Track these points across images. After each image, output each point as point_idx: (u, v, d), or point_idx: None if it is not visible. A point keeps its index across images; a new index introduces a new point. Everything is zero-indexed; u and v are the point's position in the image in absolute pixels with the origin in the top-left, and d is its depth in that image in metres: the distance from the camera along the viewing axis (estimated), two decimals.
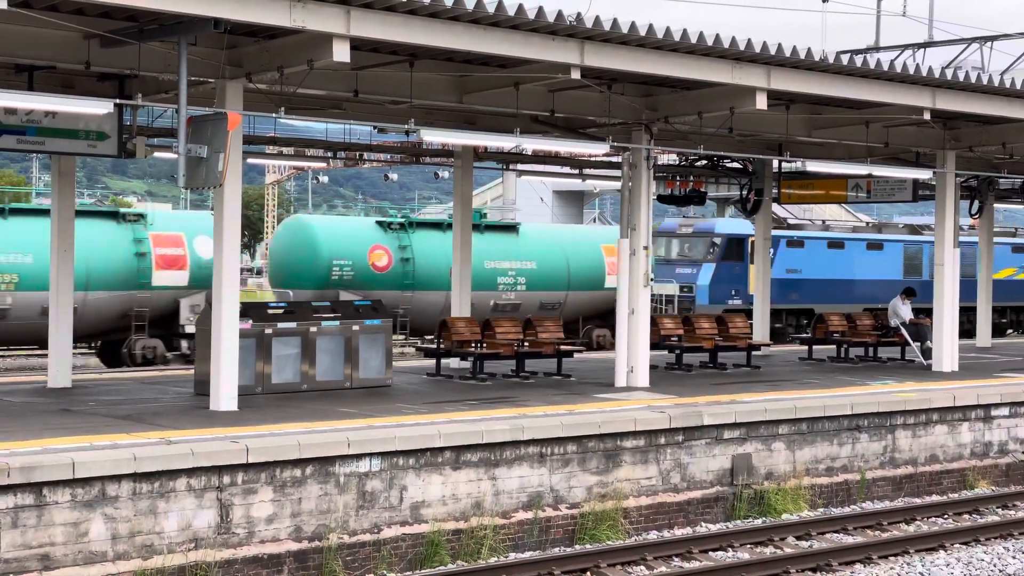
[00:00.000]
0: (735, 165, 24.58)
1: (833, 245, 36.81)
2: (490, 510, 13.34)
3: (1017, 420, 18.69)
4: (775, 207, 29.60)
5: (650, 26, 14.38)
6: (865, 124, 20.18)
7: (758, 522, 14.77)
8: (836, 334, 23.93)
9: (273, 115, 14.09)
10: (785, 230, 35.97)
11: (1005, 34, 26.87)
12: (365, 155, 29.90)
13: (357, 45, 13.61)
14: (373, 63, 15.17)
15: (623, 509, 13.98)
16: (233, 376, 14.48)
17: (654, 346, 19.11)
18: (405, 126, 14.97)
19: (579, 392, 17.12)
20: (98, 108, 13.53)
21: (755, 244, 25.54)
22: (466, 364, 19.69)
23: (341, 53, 12.82)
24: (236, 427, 12.99)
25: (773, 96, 16.83)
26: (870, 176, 23.16)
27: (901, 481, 16.85)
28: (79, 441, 11.84)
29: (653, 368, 18.79)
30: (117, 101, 13.83)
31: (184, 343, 25.85)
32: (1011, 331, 40.99)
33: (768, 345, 23.86)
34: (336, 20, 12.61)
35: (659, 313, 29.67)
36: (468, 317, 19.90)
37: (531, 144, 19.13)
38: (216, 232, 14.60)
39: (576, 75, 14.68)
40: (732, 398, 16.64)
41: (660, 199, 23.81)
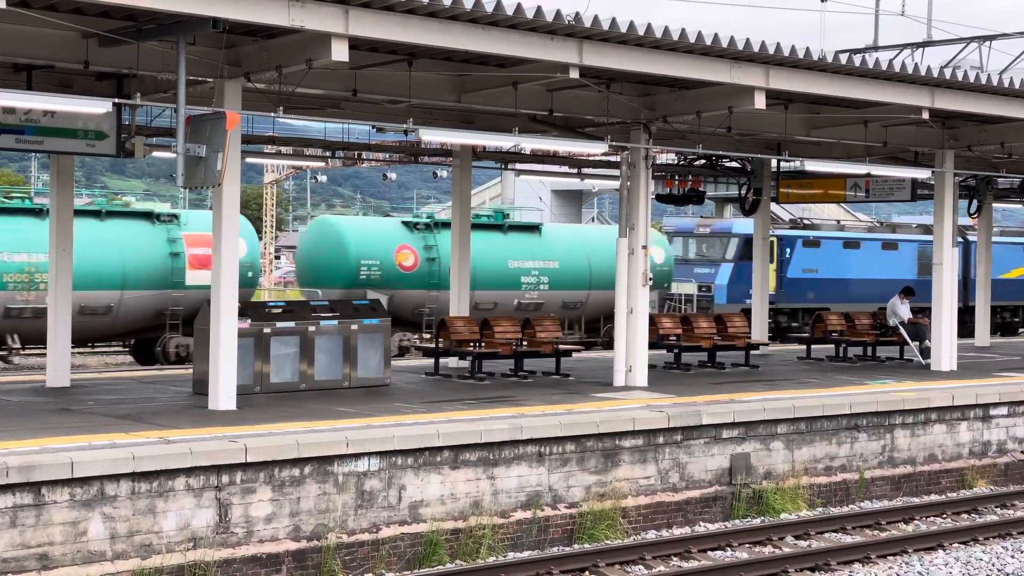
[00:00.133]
0: (734, 164, 24.59)
1: (849, 245, 36.96)
2: (489, 510, 13.34)
3: (1015, 419, 18.70)
4: (774, 207, 29.61)
5: (648, 25, 14.38)
6: (864, 123, 20.18)
7: (757, 522, 14.77)
8: (834, 333, 23.93)
9: (272, 114, 14.08)
10: (802, 230, 36.11)
11: (1004, 33, 26.90)
12: (364, 154, 29.86)
13: (355, 44, 13.61)
14: (371, 63, 15.16)
15: (622, 509, 13.98)
16: (232, 375, 14.48)
17: (652, 345, 19.10)
18: (404, 125, 14.97)
19: (578, 391, 17.11)
20: (97, 107, 13.52)
21: (754, 243, 25.56)
22: (465, 363, 19.70)
23: (340, 53, 12.83)
24: (235, 426, 12.99)
25: (772, 95, 16.84)
26: (869, 175, 23.18)
27: (900, 480, 16.85)
28: (78, 440, 11.83)
29: (652, 367, 18.79)
30: (116, 100, 13.83)
31: None
32: (1023, 330, 40.99)
33: (766, 344, 23.86)
34: (335, 20, 12.61)
35: (678, 312, 29.77)
36: (466, 316, 19.89)
37: (530, 143, 19.09)
38: (215, 232, 14.59)
39: (575, 74, 14.67)
40: (731, 397, 16.64)
41: (659, 198, 23.83)
